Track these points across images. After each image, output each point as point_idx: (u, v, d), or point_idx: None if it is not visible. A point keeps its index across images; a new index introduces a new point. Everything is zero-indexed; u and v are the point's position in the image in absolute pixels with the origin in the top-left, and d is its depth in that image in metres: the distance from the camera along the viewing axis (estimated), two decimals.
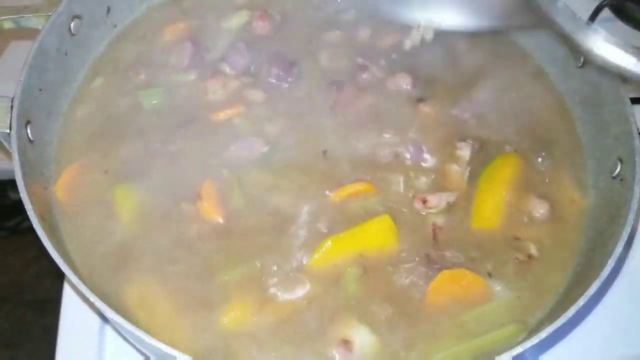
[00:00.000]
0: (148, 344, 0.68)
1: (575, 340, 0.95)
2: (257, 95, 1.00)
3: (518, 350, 0.70)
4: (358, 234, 0.87)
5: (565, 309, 0.74)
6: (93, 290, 0.71)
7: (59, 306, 0.95)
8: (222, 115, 0.97)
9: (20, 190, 0.76)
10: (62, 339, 0.94)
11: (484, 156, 0.96)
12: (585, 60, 1.00)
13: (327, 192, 0.91)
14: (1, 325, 1.98)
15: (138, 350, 0.91)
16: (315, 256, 0.85)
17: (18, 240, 2.08)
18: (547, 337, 0.71)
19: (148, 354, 0.82)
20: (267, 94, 1.00)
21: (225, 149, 0.94)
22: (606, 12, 1.31)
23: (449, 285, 0.84)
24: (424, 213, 0.90)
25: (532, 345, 0.71)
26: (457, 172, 0.95)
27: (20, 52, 0.88)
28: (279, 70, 1.02)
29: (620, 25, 1.34)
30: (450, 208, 0.91)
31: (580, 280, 0.82)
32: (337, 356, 0.78)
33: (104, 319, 0.95)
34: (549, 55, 1.08)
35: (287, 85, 1.02)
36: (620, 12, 1.35)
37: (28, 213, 0.75)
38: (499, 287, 0.85)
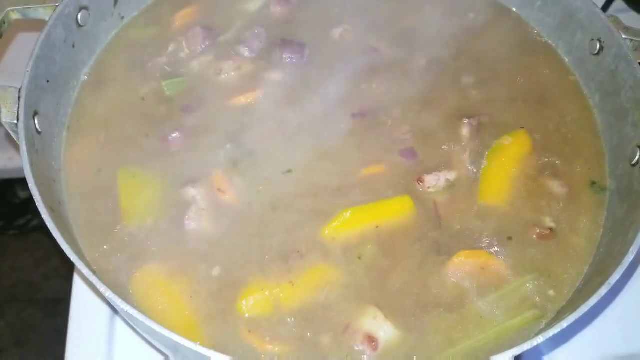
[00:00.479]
0: (181, 345, 0.66)
1: (581, 340, 0.92)
2: (274, 77, 0.99)
3: (539, 339, 0.68)
4: (377, 209, 0.87)
5: (585, 297, 0.72)
6: (107, 284, 0.70)
7: (68, 306, 0.94)
8: (241, 99, 0.97)
9: (28, 180, 0.75)
10: (72, 334, 0.93)
11: (492, 136, 0.95)
12: (601, 47, 0.97)
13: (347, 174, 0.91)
14: (11, 324, 1.97)
15: (149, 344, 0.90)
16: (334, 225, 0.84)
17: (27, 239, 2.08)
18: (552, 336, 0.69)
19: (167, 352, 0.80)
20: (284, 76, 1.00)
21: (246, 131, 0.93)
22: (619, 3, 1.30)
23: (465, 267, 0.83)
24: (432, 190, 0.89)
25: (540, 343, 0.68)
26: (459, 150, 0.94)
27: (28, 44, 0.87)
28: (294, 53, 1.01)
29: (633, 15, 1.33)
30: (454, 186, 0.90)
31: (601, 270, 0.79)
32: (358, 346, 0.77)
33: (114, 311, 0.94)
34: (565, 42, 1.06)
35: (303, 68, 1.01)
36: (633, 3, 1.33)
37: (37, 204, 0.74)
38: (512, 270, 0.84)
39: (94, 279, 0.69)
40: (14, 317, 1.99)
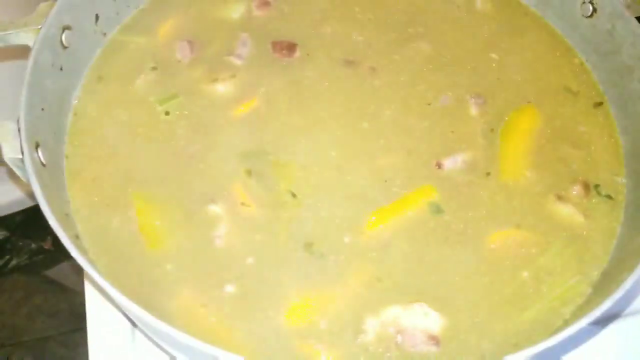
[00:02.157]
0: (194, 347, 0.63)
1: (597, 343, 0.91)
2: (271, 80, 0.96)
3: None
4: (404, 204, 0.86)
5: (633, 258, 0.73)
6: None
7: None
8: (243, 108, 0.93)
9: (48, 217, 0.69)
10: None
11: (500, 112, 0.95)
12: (594, 9, 0.99)
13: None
14: None
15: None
16: (363, 226, 0.83)
17: (4, 282, 1.98)
18: (569, 336, 0.67)
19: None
20: (280, 78, 0.97)
21: (253, 138, 0.90)
22: None
23: (499, 246, 0.83)
24: (452, 173, 0.89)
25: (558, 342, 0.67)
26: (471, 130, 0.93)
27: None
28: (286, 54, 0.99)
29: None
30: (473, 167, 0.90)
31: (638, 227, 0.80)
32: (421, 347, 0.75)
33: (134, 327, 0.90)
34: (555, 9, 1.06)
35: (298, 67, 0.98)
36: None
37: (60, 237, 0.68)
38: (547, 240, 0.84)
39: (144, 315, 0.64)
40: None
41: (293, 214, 0.84)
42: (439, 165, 0.90)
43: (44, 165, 0.79)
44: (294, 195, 0.86)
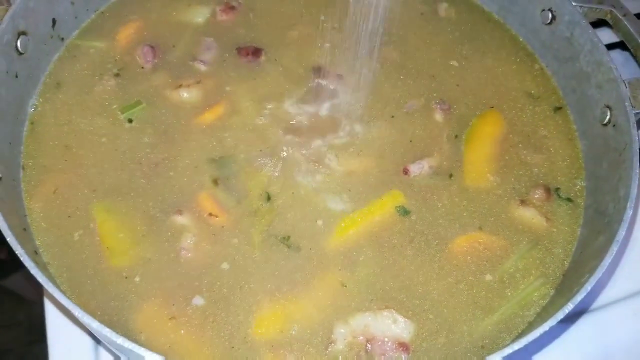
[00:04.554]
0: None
1: (567, 340, 0.92)
2: (236, 86, 0.95)
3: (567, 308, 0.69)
4: (371, 211, 0.86)
5: (594, 259, 0.75)
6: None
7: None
8: (208, 115, 0.92)
9: (4, 233, 0.67)
10: None
11: (464, 118, 0.97)
12: (553, 16, 1.01)
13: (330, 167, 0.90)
14: None
15: None
16: (332, 234, 0.83)
17: None
18: (541, 335, 0.68)
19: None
20: (246, 84, 0.96)
21: (220, 146, 0.89)
22: None
23: (464, 250, 0.84)
24: (418, 179, 0.90)
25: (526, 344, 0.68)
26: (436, 136, 0.95)
27: None
28: (251, 59, 0.98)
29: None
30: (438, 172, 0.91)
31: (598, 229, 0.83)
32: (390, 355, 0.75)
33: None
34: (516, 16, 1.09)
35: (264, 72, 0.98)
36: None
37: (19, 255, 0.66)
38: (510, 243, 0.85)
39: (105, 330, 0.62)
40: None
41: (261, 220, 0.84)
42: (406, 171, 0.90)
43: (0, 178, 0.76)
44: (268, 197, 0.85)
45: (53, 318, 0.89)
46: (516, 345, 0.67)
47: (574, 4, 0.98)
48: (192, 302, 0.77)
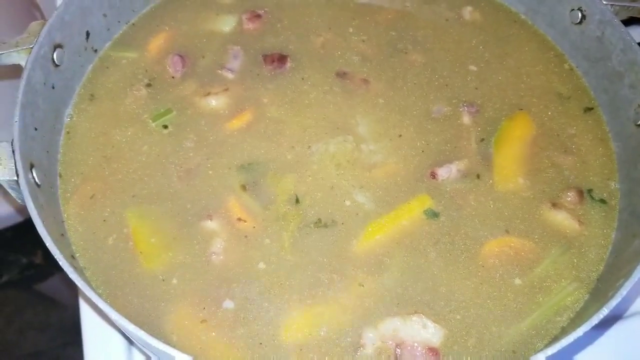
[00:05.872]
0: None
1: (609, 340, 0.91)
2: (263, 93, 0.97)
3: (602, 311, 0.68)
4: (399, 215, 0.86)
5: (629, 263, 0.73)
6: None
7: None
8: (236, 121, 0.94)
9: (44, 239, 0.69)
10: None
11: (492, 120, 0.96)
12: (582, 16, 1.00)
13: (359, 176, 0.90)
14: None
15: None
16: (361, 239, 0.83)
17: None
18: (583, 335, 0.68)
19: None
20: (272, 90, 0.97)
21: (248, 152, 0.91)
22: None
23: (495, 255, 0.83)
24: (446, 183, 0.89)
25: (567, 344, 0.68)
26: (464, 139, 0.94)
27: None
28: (278, 66, 0.99)
29: None
30: (467, 175, 0.90)
31: (635, 232, 0.81)
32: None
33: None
34: (544, 16, 1.07)
35: (290, 79, 0.99)
36: None
37: (58, 259, 0.68)
38: (542, 248, 0.84)
39: (140, 332, 0.64)
40: None
41: (289, 225, 0.84)
42: (434, 175, 0.90)
43: (38, 185, 0.79)
44: (297, 200, 0.86)
45: (88, 320, 0.91)
46: (550, 350, 0.66)
47: (604, 2, 0.96)
48: (222, 305, 0.78)
